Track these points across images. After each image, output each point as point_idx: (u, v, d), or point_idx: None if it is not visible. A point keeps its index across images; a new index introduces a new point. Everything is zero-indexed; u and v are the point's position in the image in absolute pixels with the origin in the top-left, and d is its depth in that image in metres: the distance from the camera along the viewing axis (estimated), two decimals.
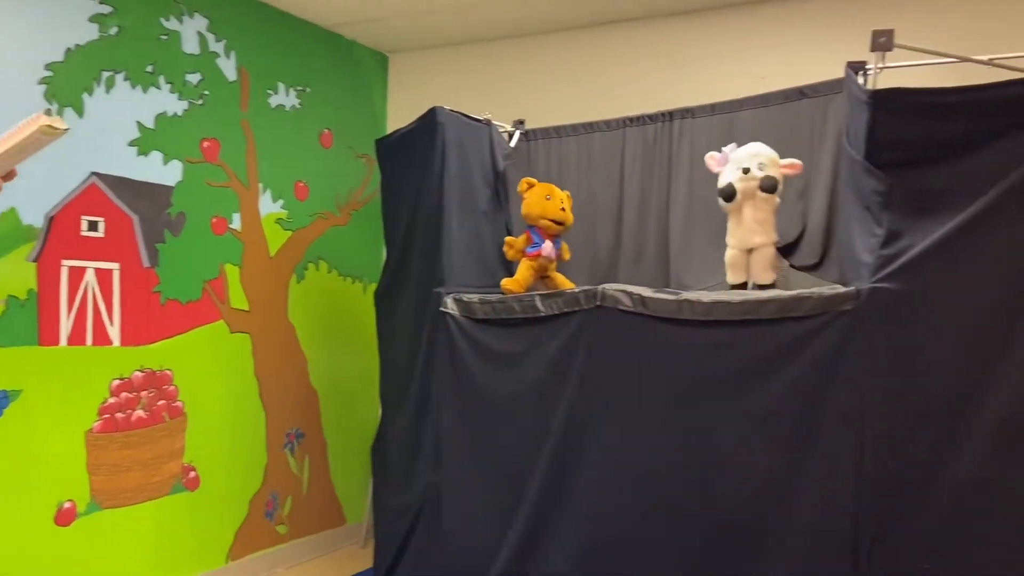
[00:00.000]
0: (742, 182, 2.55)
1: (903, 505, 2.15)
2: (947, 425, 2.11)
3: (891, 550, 2.17)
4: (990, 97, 2.11)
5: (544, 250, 2.97)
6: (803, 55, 3.18)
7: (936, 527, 2.13)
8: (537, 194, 3.02)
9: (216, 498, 3.39)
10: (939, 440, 2.12)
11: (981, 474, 2.09)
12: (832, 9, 3.20)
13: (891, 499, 2.16)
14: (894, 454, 2.15)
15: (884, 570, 2.18)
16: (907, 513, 2.15)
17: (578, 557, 2.64)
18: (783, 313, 2.31)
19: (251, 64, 3.53)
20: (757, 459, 2.37)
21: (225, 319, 3.43)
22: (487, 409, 2.90)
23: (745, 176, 2.54)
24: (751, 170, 2.53)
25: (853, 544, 2.19)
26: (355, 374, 4.06)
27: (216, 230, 3.39)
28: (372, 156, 3.75)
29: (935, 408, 2.13)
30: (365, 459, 3.72)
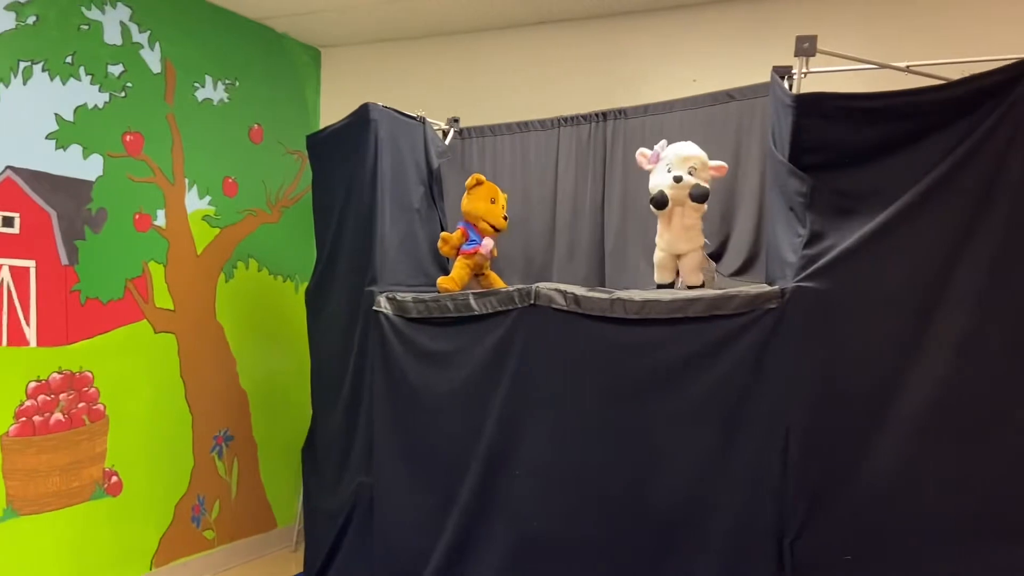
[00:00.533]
0: (673, 190, 2.59)
1: (826, 497, 2.21)
2: (867, 418, 2.18)
3: (815, 542, 2.23)
4: (908, 103, 2.19)
5: (483, 247, 2.97)
6: (733, 59, 3.26)
7: (857, 518, 2.20)
8: (482, 194, 3.02)
9: (140, 503, 3.28)
10: (860, 433, 2.19)
11: (899, 465, 2.16)
12: (761, 14, 3.28)
13: (815, 492, 2.22)
14: (818, 448, 2.21)
15: (808, 562, 2.24)
16: (830, 505, 2.21)
17: (511, 557, 2.64)
18: (711, 311, 2.35)
19: (177, 56, 3.43)
20: (687, 456, 2.41)
21: (149, 319, 3.32)
22: (420, 409, 2.88)
23: (677, 185, 2.58)
24: (683, 178, 2.57)
25: (778, 537, 2.25)
26: (286, 375, 3.98)
27: (139, 227, 3.28)
28: (304, 152, 3.68)
29: (856, 402, 2.20)
30: (296, 461, 3.66)
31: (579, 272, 3.16)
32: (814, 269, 2.21)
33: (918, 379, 2.16)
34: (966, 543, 2.15)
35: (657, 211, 2.65)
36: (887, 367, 2.19)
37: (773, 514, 2.26)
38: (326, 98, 4.24)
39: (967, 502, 2.15)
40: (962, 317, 2.15)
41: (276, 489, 3.97)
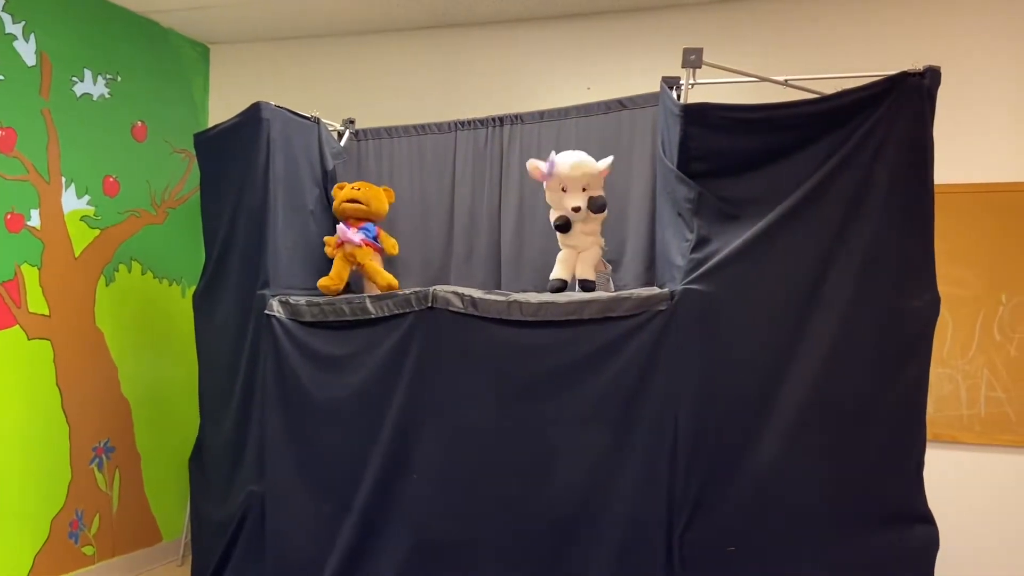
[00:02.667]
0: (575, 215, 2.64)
1: (712, 492, 2.30)
2: (750, 415, 2.29)
3: (701, 535, 2.32)
4: (786, 115, 2.32)
5: (340, 234, 2.95)
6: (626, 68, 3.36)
7: (741, 511, 2.30)
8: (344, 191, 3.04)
9: (12, 519, 3.09)
10: (743, 429, 2.29)
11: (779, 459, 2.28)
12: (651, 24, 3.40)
13: (701, 487, 2.31)
14: (705, 444, 2.30)
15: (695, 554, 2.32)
16: (716, 499, 2.31)
17: (409, 561, 2.63)
18: (604, 313, 2.42)
19: (53, 49, 3.25)
20: (582, 456, 2.46)
21: (21, 324, 3.13)
22: (315, 414, 2.83)
23: (576, 214, 2.63)
24: (581, 208, 2.63)
25: (668, 531, 2.33)
26: (173, 382, 3.83)
27: (11, 227, 3.09)
28: (192, 151, 3.55)
29: (740, 399, 2.30)
30: (183, 472, 3.51)
31: (476, 275, 3.17)
32: (700, 272, 2.30)
33: (795, 377, 2.28)
34: (841, 530, 2.29)
35: (561, 234, 2.70)
36: (767, 366, 2.30)
37: (663, 509, 2.34)
38: (215, 96, 4.11)
39: (841, 492, 2.29)
40: (833, 318, 2.28)
41: (161, 501, 3.80)
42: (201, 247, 3.26)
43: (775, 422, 2.28)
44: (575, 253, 2.71)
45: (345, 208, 3.01)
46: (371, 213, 3.02)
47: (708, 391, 2.31)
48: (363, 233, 2.97)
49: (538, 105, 3.21)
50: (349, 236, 2.93)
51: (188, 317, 3.33)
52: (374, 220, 3.06)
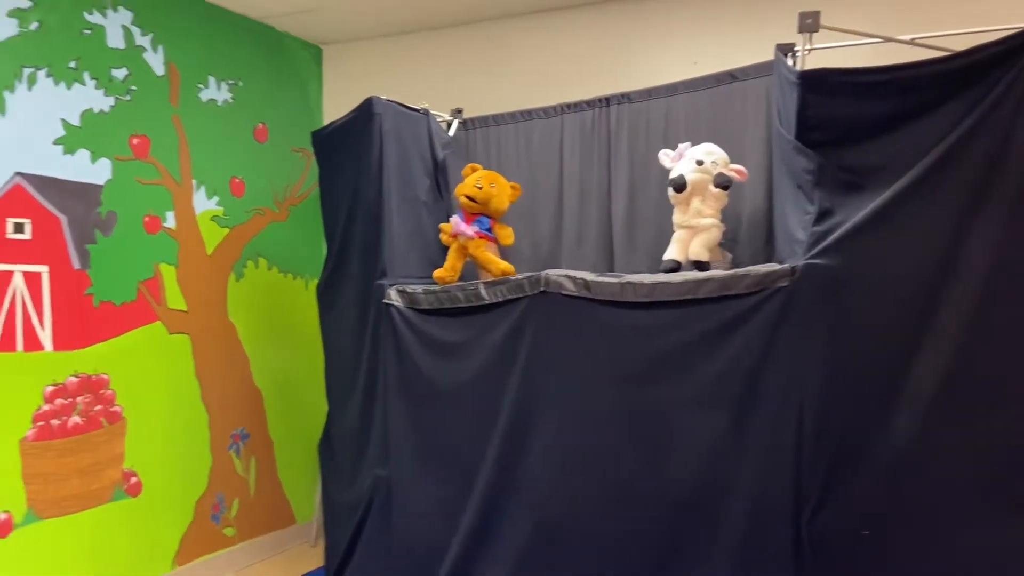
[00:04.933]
0: (695, 174, 2.58)
1: (842, 473, 2.21)
2: (881, 393, 2.18)
3: (832, 519, 2.23)
4: (913, 75, 2.18)
5: (454, 226, 2.97)
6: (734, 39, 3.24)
7: (873, 493, 2.20)
8: (471, 178, 3.04)
9: (160, 503, 3.31)
10: (873, 408, 2.19)
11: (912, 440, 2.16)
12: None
13: (830, 467, 2.22)
14: (832, 424, 2.21)
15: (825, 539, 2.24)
16: (845, 480, 2.21)
17: (528, 544, 2.65)
18: (722, 291, 2.35)
19: (180, 58, 3.44)
20: (701, 438, 2.41)
21: (162, 320, 3.34)
22: (434, 400, 2.89)
23: (699, 168, 2.57)
24: (705, 163, 2.56)
25: (795, 513, 2.25)
26: (299, 371, 4.00)
27: (149, 229, 3.30)
28: (309, 150, 3.69)
29: (869, 377, 2.19)
30: (312, 457, 3.68)
31: (588, 258, 3.16)
32: (824, 246, 2.20)
33: (929, 353, 2.15)
34: (979, 515, 2.15)
35: (676, 194, 2.64)
36: (898, 342, 2.18)
37: (789, 493, 2.26)
38: (328, 95, 4.25)
39: (979, 475, 2.15)
40: (971, 291, 2.13)
41: (294, 485, 4.00)
42: (321, 241, 3.39)
43: (908, 402, 2.16)
44: (691, 233, 2.64)
45: (462, 203, 3.04)
46: (487, 211, 3.03)
47: (835, 370, 2.22)
48: (477, 226, 3.00)
49: (645, 83, 3.15)
50: (462, 229, 2.97)
51: (312, 309, 3.48)
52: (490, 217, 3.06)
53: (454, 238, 3.02)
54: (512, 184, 3.09)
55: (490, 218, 3.05)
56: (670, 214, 2.76)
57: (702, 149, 2.63)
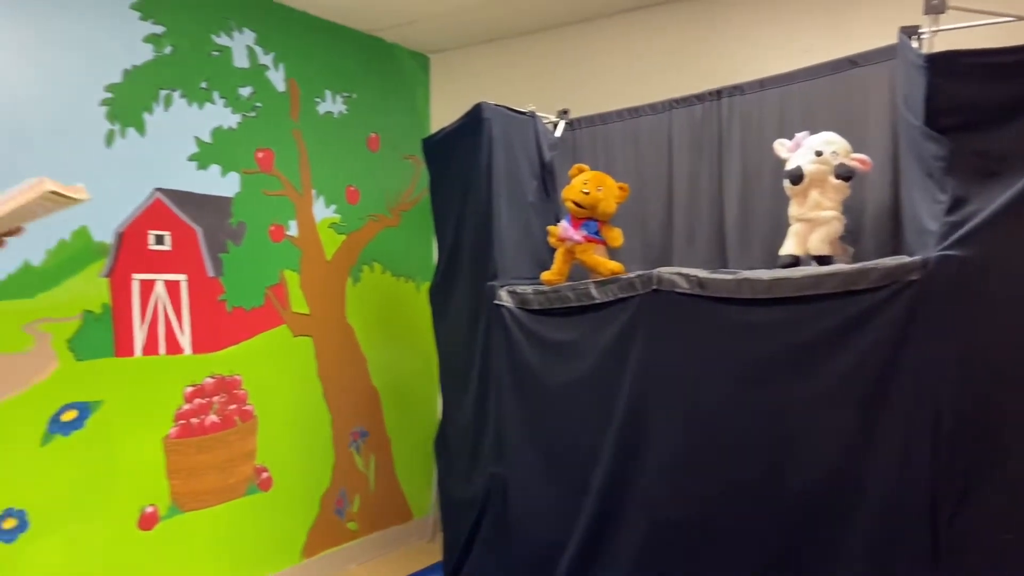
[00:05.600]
0: (813, 165, 2.51)
1: (982, 474, 2.10)
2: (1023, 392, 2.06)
3: (970, 522, 2.13)
4: None
5: (561, 231, 2.98)
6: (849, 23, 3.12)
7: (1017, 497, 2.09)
8: (578, 179, 3.04)
9: (288, 498, 3.48)
10: (1016, 407, 2.08)
11: None
12: None
13: (969, 471, 2.11)
14: (971, 424, 2.11)
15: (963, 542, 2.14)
16: (987, 484, 2.10)
17: (646, 545, 2.64)
18: (847, 286, 2.27)
19: (299, 74, 3.60)
20: (828, 437, 2.33)
21: (287, 323, 3.51)
22: (547, 399, 2.92)
23: (818, 159, 2.50)
24: (824, 153, 2.49)
25: (932, 516, 2.16)
26: (413, 372, 4.12)
27: (274, 237, 3.47)
28: (418, 156, 3.80)
29: (1011, 375, 2.08)
30: (427, 454, 3.78)
31: (699, 255, 3.11)
32: (958, 236, 2.09)
33: None
34: None
35: (792, 186, 2.58)
36: None
37: (925, 496, 2.16)
38: (436, 102, 4.35)
39: None
40: None
41: (410, 482, 4.11)
42: (430, 245, 3.49)
43: None
44: (809, 226, 2.57)
45: (569, 207, 3.04)
46: (595, 215, 3.02)
47: (972, 368, 2.10)
48: (584, 229, 3.00)
49: (755, 74, 3.08)
50: (570, 235, 2.98)
51: (423, 311, 3.57)
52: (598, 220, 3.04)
53: (562, 242, 3.03)
54: (620, 184, 3.07)
55: (598, 221, 3.04)
56: (786, 208, 2.69)
57: (821, 138, 2.56)
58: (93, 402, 2.81)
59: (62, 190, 1.41)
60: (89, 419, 2.79)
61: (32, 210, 1.44)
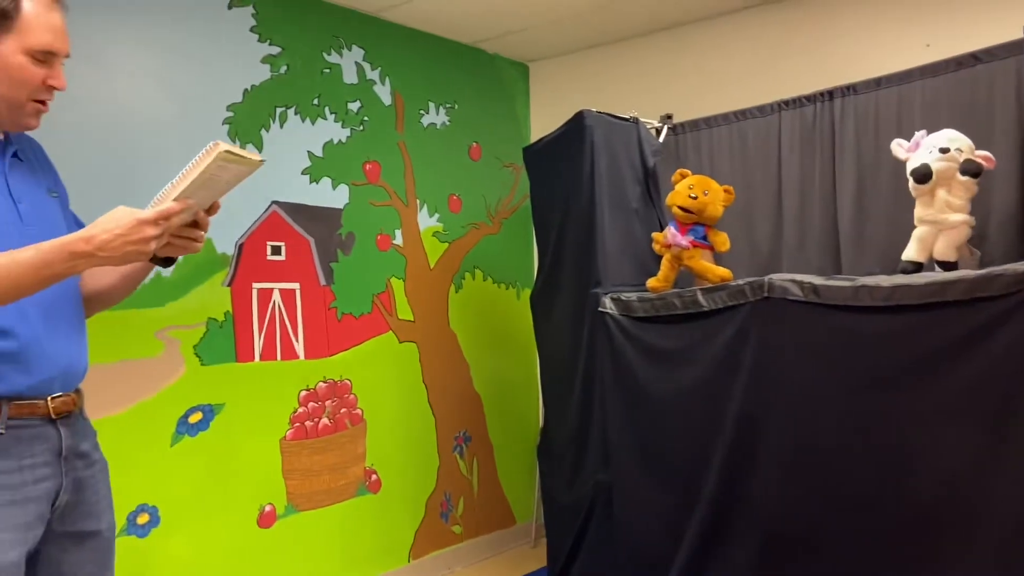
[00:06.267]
0: (940, 162, 2.41)
1: None
2: None
3: None
4: None
5: (668, 237, 2.93)
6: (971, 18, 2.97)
7: None
8: (682, 184, 3.00)
9: (396, 500, 3.57)
10: None
11: None
12: None
13: None
14: None
15: None
16: None
17: (759, 556, 2.58)
18: (973, 293, 2.16)
19: (404, 88, 3.70)
20: (950, 454, 2.22)
21: (394, 330, 3.61)
22: (653, 407, 2.89)
23: (944, 156, 2.40)
24: (950, 150, 2.39)
25: None
26: (514, 377, 4.16)
27: (381, 247, 3.58)
28: (518, 164, 3.85)
29: None
30: (529, 460, 3.81)
31: (811, 261, 3.02)
32: None
33: None
34: None
35: (918, 185, 2.47)
36: None
37: None
38: (535, 110, 4.38)
39: None
40: None
41: (513, 487, 4.15)
42: (530, 252, 3.51)
43: None
44: (935, 230, 2.45)
45: (676, 213, 2.99)
46: (702, 219, 2.96)
47: None
48: (691, 235, 2.95)
49: (870, 72, 2.97)
50: (678, 240, 2.93)
51: (523, 317, 3.61)
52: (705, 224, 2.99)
53: (667, 248, 2.99)
54: (725, 188, 3.00)
55: (704, 226, 3.00)
56: (903, 211, 2.59)
57: (944, 136, 2.44)
58: (216, 405, 2.96)
59: (236, 151, 1.45)
60: (213, 421, 2.95)
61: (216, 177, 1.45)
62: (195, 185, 1.44)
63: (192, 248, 1.56)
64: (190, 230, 1.53)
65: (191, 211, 1.48)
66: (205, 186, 1.47)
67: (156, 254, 1.49)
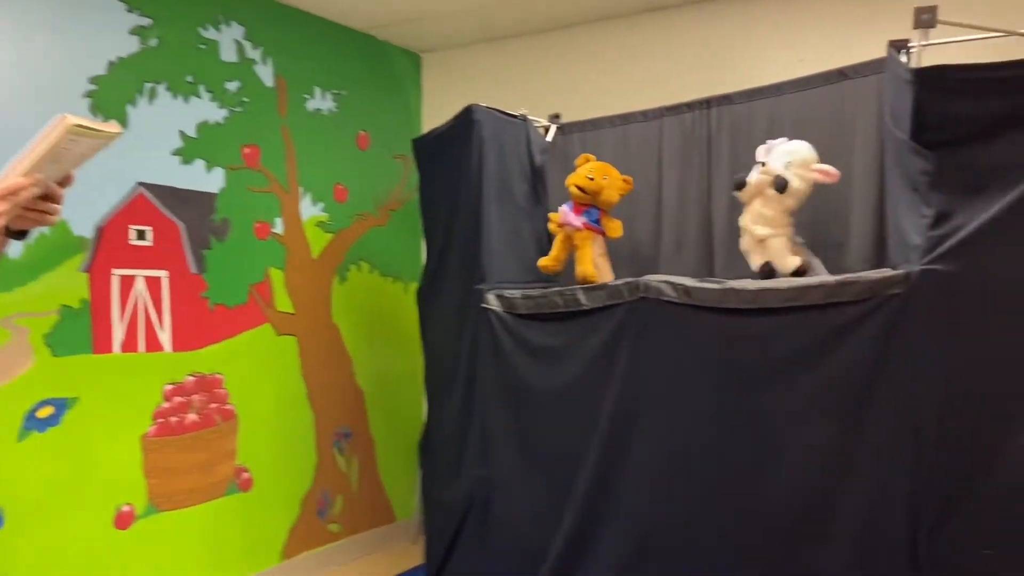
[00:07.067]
0: (756, 175, 2.53)
1: (963, 488, 2.10)
2: (1006, 406, 2.06)
3: (951, 538, 2.12)
4: None
5: (562, 215, 2.96)
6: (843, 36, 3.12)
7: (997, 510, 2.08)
8: (584, 168, 3.03)
9: (269, 498, 3.45)
10: (997, 421, 2.07)
11: None
12: None
13: (950, 483, 2.12)
14: (952, 438, 2.11)
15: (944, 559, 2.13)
16: (967, 496, 2.10)
17: (630, 552, 2.63)
18: (830, 298, 2.27)
19: (288, 70, 3.57)
20: (808, 451, 2.34)
21: (271, 322, 3.48)
22: (533, 404, 2.91)
23: (760, 169, 2.52)
24: (768, 164, 2.51)
25: (912, 530, 2.15)
26: (399, 373, 4.10)
27: (259, 235, 3.44)
28: (408, 156, 3.78)
29: (991, 391, 2.08)
30: (411, 456, 3.76)
31: (687, 264, 3.11)
32: (942, 251, 2.10)
33: None
34: None
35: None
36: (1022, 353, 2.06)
37: (904, 512, 2.17)
38: (427, 102, 4.32)
39: None
40: None
41: (394, 484, 4.09)
42: (419, 246, 3.47)
43: None
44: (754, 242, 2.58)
45: (572, 192, 3.01)
46: (596, 203, 3.00)
47: (954, 382, 2.11)
48: (585, 216, 2.98)
49: (747, 84, 3.07)
50: (570, 220, 2.95)
51: (410, 311, 3.55)
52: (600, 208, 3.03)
53: (561, 227, 3.01)
54: (624, 177, 3.06)
55: (599, 210, 3.03)
56: None
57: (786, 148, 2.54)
58: (70, 398, 2.77)
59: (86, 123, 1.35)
60: (65, 416, 2.76)
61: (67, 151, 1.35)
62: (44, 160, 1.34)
63: (46, 221, 1.44)
64: (43, 203, 1.42)
65: (41, 185, 1.37)
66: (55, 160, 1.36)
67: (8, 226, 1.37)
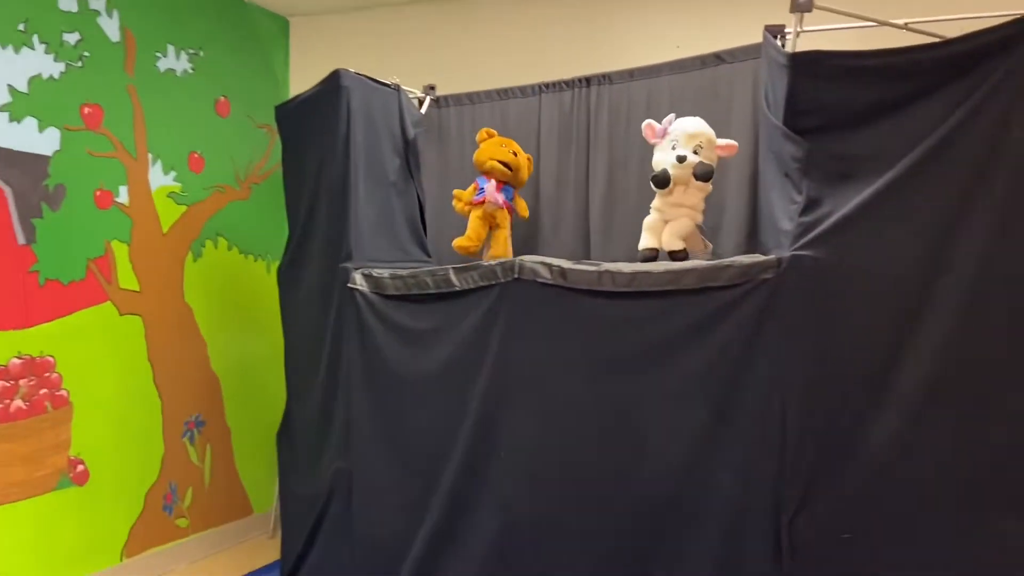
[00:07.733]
0: (677, 169, 2.49)
1: (824, 475, 2.13)
2: (869, 391, 2.10)
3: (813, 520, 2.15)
4: (907, 61, 2.10)
5: (488, 194, 2.84)
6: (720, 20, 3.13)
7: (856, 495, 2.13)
8: (493, 142, 2.93)
9: (108, 492, 3.15)
10: (858, 407, 2.11)
11: (898, 440, 2.09)
12: None
13: (812, 467, 2.14)
14: (815, 422, 2.13)
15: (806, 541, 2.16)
16: (828, 482, 2.13)
17: (497, 542, 2.54)
18: (704, 283, 2.26)
19: (136, 25, 3.25)
20: (679, 434, 2.32)
21: (113, 300, 3.17)
22: (400, 390, 2.77)
23: (680, 164, 2.48)
24: (687, 158, 2.47)
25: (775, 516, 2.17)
26: (260, 357, 3.84)
27: (100, 204, 3.12)
28: (274, 127, 3.52)
29: (855, 375, 2.12)
30: (271, 446, 3.53)
31: (565, 246, 3.05)
32: (811, 237, 2.11)
33: (918, 351, 2.08)
34: (964, 516, 2.09)
35: (658, 190, 2.55)
36: (887, 338, 2.11)
37: (769, 493, 2.18)
38: (295, 70, 4.08)
39: (966, 475, 2.09)
40: (963, 285, 2.07)
41: (252, 475, 3.85)
42: (283, 221, 3.24)
43: (896, 400, 2.09)
44: (662, 220, 2.54)
45: (494, 168, 2.90)
46: (515, 182, 2.92)
47: (819, 367, 2.13)
48: (504, 195, 2.88)
49: (627, 65, 3.03)
50: (496, 198, 2.84)
51: (273, 292, 3.32)
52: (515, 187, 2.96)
53: (478, 205, 2.88)
54: (528, 156, 3.02)
55: (513, 188, 2.94)
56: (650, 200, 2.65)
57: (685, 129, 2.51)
58: None
59: None
60: None
61: None
62: None
63: None
64: None
65: None
66: None
67: None
